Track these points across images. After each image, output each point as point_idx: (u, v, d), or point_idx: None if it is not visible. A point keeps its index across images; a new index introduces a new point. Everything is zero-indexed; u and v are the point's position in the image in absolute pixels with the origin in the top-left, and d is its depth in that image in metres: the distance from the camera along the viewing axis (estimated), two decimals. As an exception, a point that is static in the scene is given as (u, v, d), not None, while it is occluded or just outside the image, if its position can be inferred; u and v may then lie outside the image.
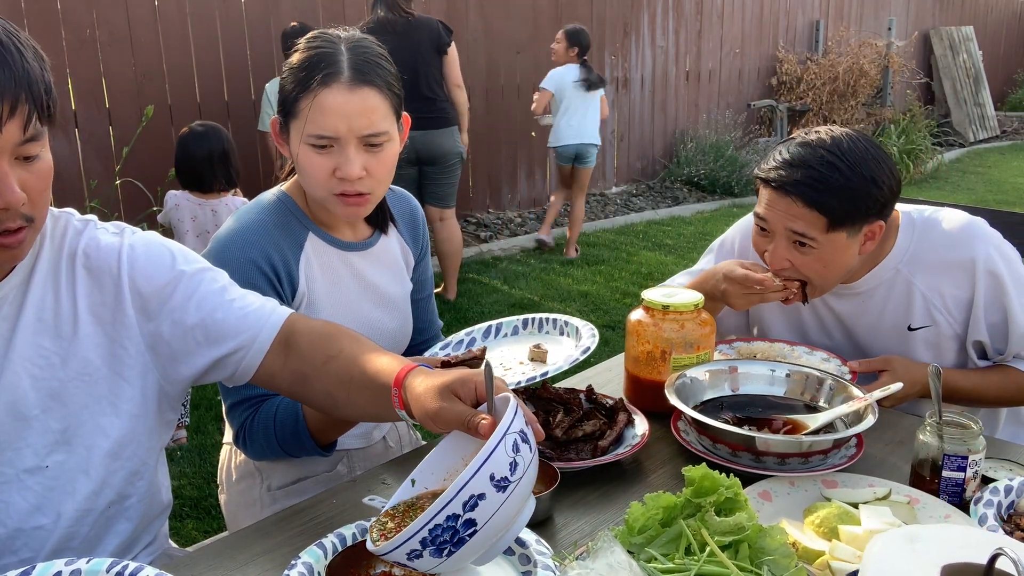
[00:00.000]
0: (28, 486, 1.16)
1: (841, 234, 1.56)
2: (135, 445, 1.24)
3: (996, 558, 0.82)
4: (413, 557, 0.94)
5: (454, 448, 1.10)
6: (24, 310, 1.15)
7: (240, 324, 1.24)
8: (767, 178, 1.60)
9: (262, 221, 1.51)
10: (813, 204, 1.54)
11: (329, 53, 1.42)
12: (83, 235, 1.22)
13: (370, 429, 1.70)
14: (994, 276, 1.62)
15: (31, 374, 1.15)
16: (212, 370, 1.26)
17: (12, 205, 1.03)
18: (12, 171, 1.03)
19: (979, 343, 1.68)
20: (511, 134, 7.32)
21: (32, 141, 1.04)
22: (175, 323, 1.22)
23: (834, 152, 1.54)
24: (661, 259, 6.20)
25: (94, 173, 4.94)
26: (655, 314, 1.54)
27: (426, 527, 0.92)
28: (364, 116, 1.41)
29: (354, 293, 1.61)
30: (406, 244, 1.74)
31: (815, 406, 1.50)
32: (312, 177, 1.45)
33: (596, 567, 0.96)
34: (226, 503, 1.75)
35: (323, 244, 1.57)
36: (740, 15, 9.43)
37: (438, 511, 0.91)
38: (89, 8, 4.88)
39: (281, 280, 1.49)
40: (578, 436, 1.43)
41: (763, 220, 1.63)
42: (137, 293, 1.21)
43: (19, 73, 1.00)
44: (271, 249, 1.48)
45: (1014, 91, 13.92)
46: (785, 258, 1.61)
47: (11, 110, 0.99)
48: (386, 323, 1.67)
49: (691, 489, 1.08)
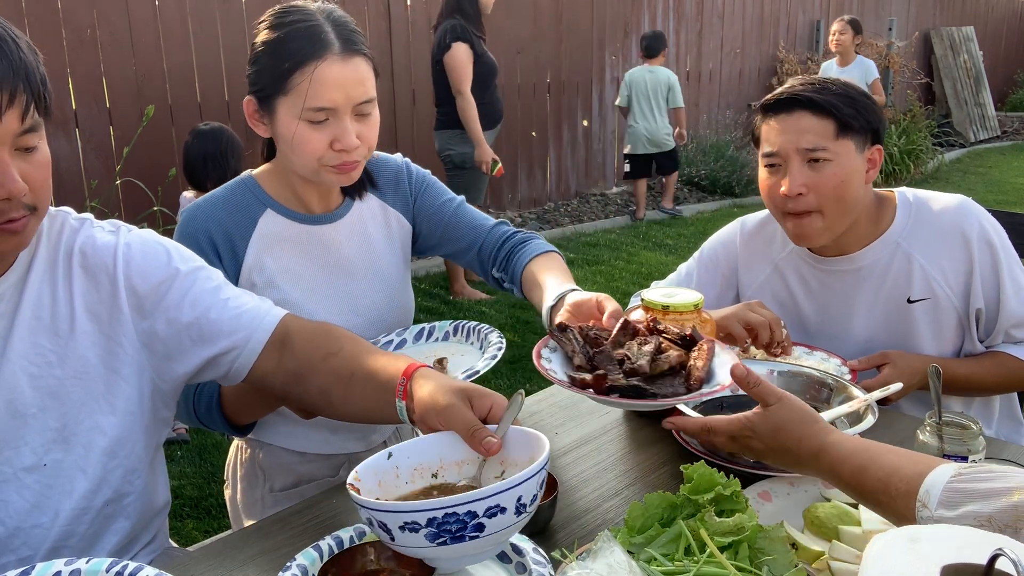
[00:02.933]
0: (26, 484, 1.16)
1: (850, 144, 1.63)
2: (132, 443, 1.24)
3: (996, 558, 0.82)
4: (406, 529, 0.92)
5: (438, 446, 1.10)
6: (21, 308, 1.15)
7: (234, 324, 1.25)
8: (771, 101, 1.68)
9: (212, 198, 1.55)
10: (820, 108, 1.62)
11: (314, 26, 1.43)
12: (80, 233, 1.22)
13: (369, 432, 1.70)
14: (990, 246, 1.67)
15: (29, 372, 1.15)
16: (206, 369, 1.27)
17: (14, 195, 1.04)
18: (12, 161, 1.04)
19: (979, 312, 1.70)
20: (511, 134, 7.32)
21: (31, 132, 1.05)
22: (170, 321, 1.23)
23: (827, 79, 1.70)
24: (661, 259, 6.20)
25: (94, 173, 4.94)
26: (655, 314, 1.54)
27: (443, 510, 0.90)
28: (359, 85, 1.44)
29: (325, 266, 1.59)
30: (388, 204, 1.70)
31: (815, 406, 1.50)
32: (308, 153, 1.46)
33: (596, 567, 0.96)
34: (231, 499, 1.75)
35: (282, 220, 1.57)
36: (741, 15, 9.43)
37: (464, 502, 0.91)
38: (89, 8, 4.88)
39: (221, 254, 1.51)
40: (664, 369, 1.26)
41: (773, 154, 1.68)
42: (132, 291, 1.22)
43: (16, 63, 1.01)
44: (212, 224, 1.51)
45: (1015, 91, 13.92)
46: (801, 183, 1.64)
47: (10, 99, 1.00)
48: (367, 296, 1.64)
49: (689, 486, 1.08)
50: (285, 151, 1.50)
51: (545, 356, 1.32)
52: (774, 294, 1.87)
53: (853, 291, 1.78)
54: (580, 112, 7.97)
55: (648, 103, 7.06)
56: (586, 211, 7.77)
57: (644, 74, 7.08)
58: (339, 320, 1.57)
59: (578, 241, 6.76)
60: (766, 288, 1.88)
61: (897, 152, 8.94)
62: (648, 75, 7.07)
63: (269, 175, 1.59)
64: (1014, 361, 1.70)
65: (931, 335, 1.73)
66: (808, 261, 1.82)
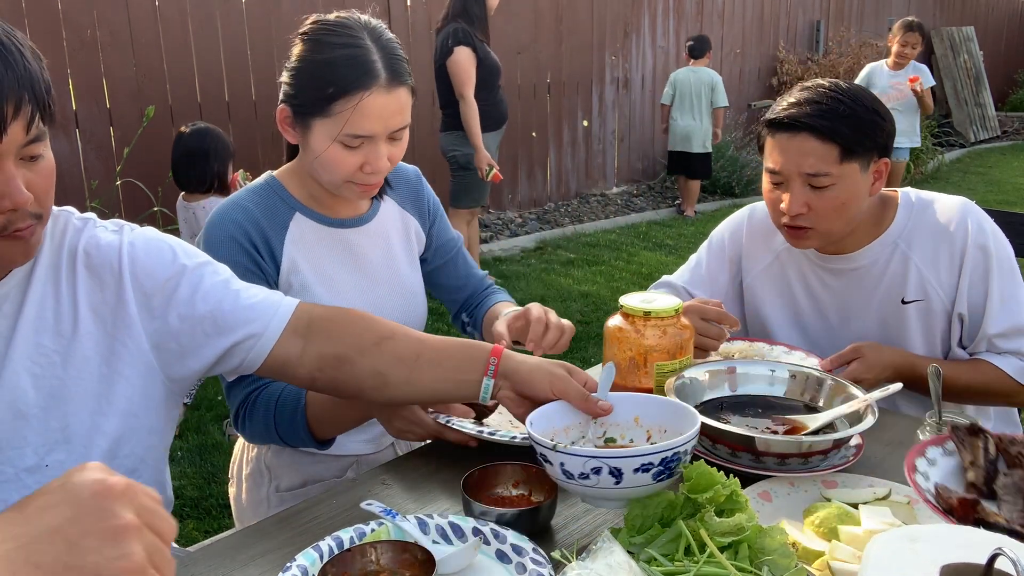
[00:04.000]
0: (28, 485, 1.16)
1: (854, 166, 1.61)
2: (133, 443, 1.24)
3: (995, 558, 0.82)
4: (640, 470, 1.08)
5: (548, 418, 1.24)
6: (24, 309, 1.15)
7: (249, 313, 1.26)
8: (776, 120, 1.64)
9: (242, 202, 1.53)
10: (824, 134, 1.59)
11: (362, 52, 1.41)
12: (83, 233, 1.22)
13: (379, 434, 1.70)
14: (984, 251, 1.67)
15: (32, 373, 1.15)
16: (221, 361, 1.27)
17: (20, 206, 1.03)
18: (18, 172, 1.03)
19: (961, 316, 1.70)
20: (512, 134, 7.32)
21: (36, 142, 1.04)
22: (183, 317, 1.23)
23: (835, 89, 1.64)
24: (661, 259, 6.20)
25: (95, 173, 4.94)
26: (636, 321, 1.52)
27: (672, 450, 1.08)
28: (398, 114, 1.45)
29: (351, 271, 1.60)
30: (407, 212, 1.72)
31: (815, 406, 1.50)
32: (337, 173, 1.46)
33: (596, 567, 0.96)
34: (235, 497, 1.75)
35: (312, 223, 1.57)
36: (741, 15, 9.43)
37: (677, 445, 1.09)
38: (89, 8, 4.88)
39: (262, 255, 1.50)
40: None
41: (775, 172, 1.66)
42: (140, 290, 1.21)
43: (21, 73, 1.00)
44: (249, 226, 1.50)
45: (1015, 91, 13.91)
46: (803, 203, 1.63)
47: (15, 111, 0.99)
48: (386, 303, 1.64)
49: (688, 485, 1.08)
50: (312, 163, 1.50)
51: (926, 462, 1.16)
52: (773, 283, 1.88)
53: (850, 290, 1.78)
54: (580, 112, 7.97)
55: (690, 102, 7.27)
56: (586, 211, 7.77)
57: (688, 74, 7.32)
58: None
59: (578, 241, 6.76)
60: (765, 276, 1.89)
61: (897, 152, 8.94)
62: (692, 75, 7.29)
63: (293, 176, 1.58)
64: (993, 371, 1.68)
65: (922, 336, 1.74)
66: (808, 257, 1.82)
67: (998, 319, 1.67)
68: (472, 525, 1.16)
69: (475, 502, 1.19)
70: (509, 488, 1.28)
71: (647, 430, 1.29)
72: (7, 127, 0.99)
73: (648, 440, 1.28)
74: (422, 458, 1.47)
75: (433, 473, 1.41)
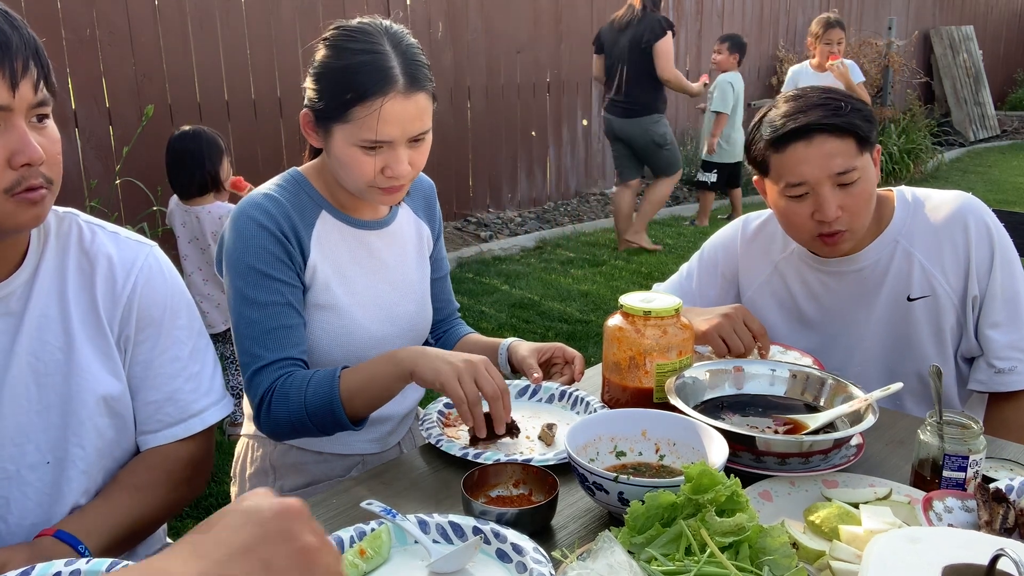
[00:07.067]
0: (29, 482, 1.17)
1: (867, 156, 1.63)
2: (128, 443, 1.26)
3: (997, 559, 0.82)
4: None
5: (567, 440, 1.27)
6: (30, 307, 1.16)
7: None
8: (786, 133, 1.61)
9: (272, 193, 1.52)
10: (842, 129, 1.59)
11: (381, 57, 1.42)
12: (97, 237, 1.24)
13: (385, 434, 1.70)
14: (988, 237, 1.68)
15: (36, 370, 1.16)
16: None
17: (35, 161, 1.06)
18: (29, 132, 1.06)
19: (975, 299, 1.70)
20: (511, 134, 7.32)
21: (43, 104, 1.08)
22: (135, 359, 1.29)
23: (822, 90, 1.67)
24: (661, 259, 6.20)
25: (94, 173, 4.94)
26: (635, 320, 1.52)
27: None
28: (418, 119, 1.45)
29: (368, 273, 1.61)
30: (421, 220, 1.74)
31: (815, 406, 1.50)
32: (358, 176, 1.47)
33: (596, 567, 0.96)
34: (236, 496, 1.74)
35: (337, 223, 1.58)
36: (740, 15, 9.42)
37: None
38: (89, 8, 4.87)
39: (292, 244, 1.50)
40: None
41: (799, 184, 1.63)
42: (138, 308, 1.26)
43: (27, 37, 1.06)
44: (281, 218, 1.49)
45: (1014, 90, 13.91)
46: (836, 206, 1.62)
47: (24, 68, 1.04)
48: (401, 306, 1.66)
49: (690, 485, 1.08)
50: (335, 167, 1.51)
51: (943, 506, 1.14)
52: (774, 294, 1.87)
53: (854, 291, 1.77)
54: (580, 112, 7.97)
55: (740, 110, 6.89)
56: (586, 211, 7.77)
57: (739, 80, 6.83)
58: (376, 328, 1.59)
59: (578, 241, 6.76)
60: (766, 289, 1.87)
61: (897, 151, 8.94)
62: (740, 82, 6.86)
63: (318, 173, 1.59)
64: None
65: (930, 333, 1.73)
66: (808, 262, 1.81)
67: (997, 309, 1.67)
68: (472, 524, 1.16)
69: (475, 502, 1.20)
70: (509, 488, 1.28)
71: (655, 443, 1.33)
72: (19, 83, 1.03)
73: (656, 452, 1.32)
74: (422, 458, 1.47)
75: (433, 473, 1.41)
